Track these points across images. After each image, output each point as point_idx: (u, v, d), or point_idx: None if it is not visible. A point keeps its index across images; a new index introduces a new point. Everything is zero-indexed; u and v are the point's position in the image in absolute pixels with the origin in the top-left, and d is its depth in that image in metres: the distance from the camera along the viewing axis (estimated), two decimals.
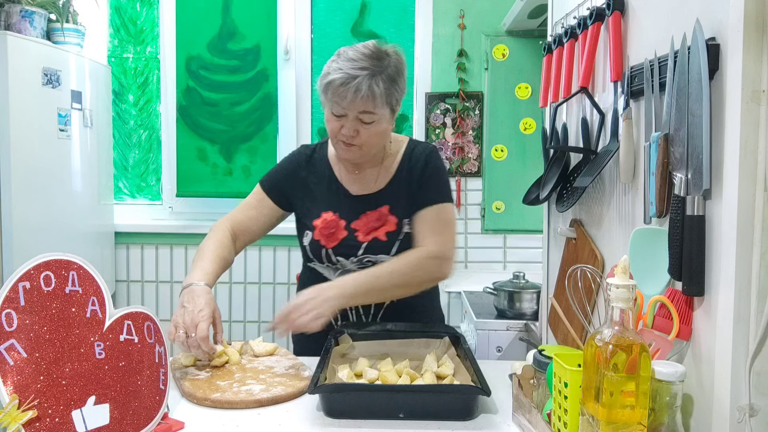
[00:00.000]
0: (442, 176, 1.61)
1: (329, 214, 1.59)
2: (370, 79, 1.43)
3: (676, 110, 0.99)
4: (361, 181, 1.62)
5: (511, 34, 2.97)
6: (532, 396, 1.13)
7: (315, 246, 1.58)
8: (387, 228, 1.56)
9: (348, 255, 1.56)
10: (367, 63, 1.44)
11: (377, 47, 1.48)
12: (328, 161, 1.66)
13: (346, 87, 1.42)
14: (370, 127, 1.49)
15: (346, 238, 1.57)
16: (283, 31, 3.08)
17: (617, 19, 1.29)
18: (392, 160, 1.63)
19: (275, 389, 1.28)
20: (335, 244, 1.57)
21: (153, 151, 3.20)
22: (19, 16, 2.48)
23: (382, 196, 1.59)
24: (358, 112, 1.46)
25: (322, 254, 1.58)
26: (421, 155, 1.61)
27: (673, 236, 0.99)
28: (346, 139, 1.50)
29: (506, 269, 3.01)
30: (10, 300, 0.96)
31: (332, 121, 1.50)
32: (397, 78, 1.49)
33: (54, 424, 0.96)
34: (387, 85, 1.46)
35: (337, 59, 1.47)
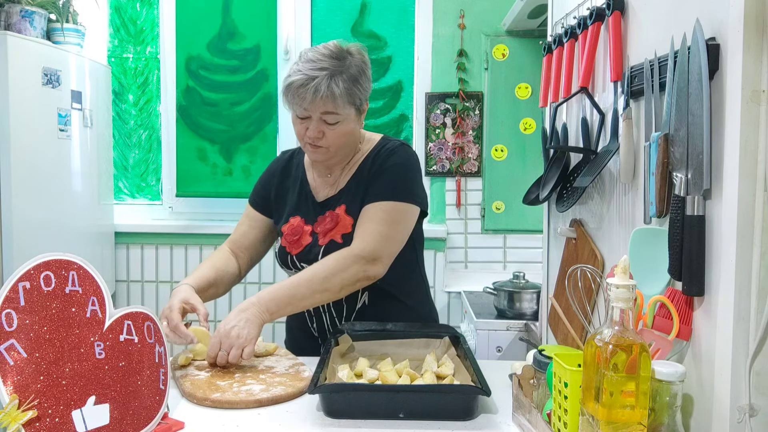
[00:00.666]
0: (400, 172, 1.52)
1: (296, 219, 1.59)
2: (329, 80, 1.42)
3: (676, 110, 0.99)
4: (330, 184, 1.60)
5: (511, 34, 2.97)
6: (532, 396, 1.13)
7: (282, 253, 1.59)
8: (342, 230, 1.52)
9: (309, 260, 1.52)
10: (326, 63, 1.43)
11: (338, 47, 1.47)
12: (303, 166, 1.66)
13: (305, 88, 1.41)
14: (335, 127, 1.47)
15: (310, 243, 1.55)
16: (283, 31, 3.08)
17: (617, 19, 1.29)
18: (358, 159, 1.59)
19: (275, 389, 1.28)
20: (299, 251, 1.55)
21: (153, 151, 3.20)
22: (19, 16, 2.48)
23: (341, 197, 1.56)
24: (320, 113, 1.45)
25: (288, 261, 1.58)
26: (386, 151, 1.54)
27: (673, 236, 0.99)
28: (312, 141, 1.48)
29: (506, 269, 3.01)
30: (10, 300, 0.96)
31: (297, 123, 1.50)
32: (359, 77, 1.47)
33: (54, 424, 0.96)
34: (348, 85, 1.44)
35: (298, 61, 1.47)
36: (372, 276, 1.46)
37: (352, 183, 1.56)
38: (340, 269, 1.42)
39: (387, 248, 1.47)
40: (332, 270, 1.42)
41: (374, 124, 3.10)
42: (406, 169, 1.53)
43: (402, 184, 1.51)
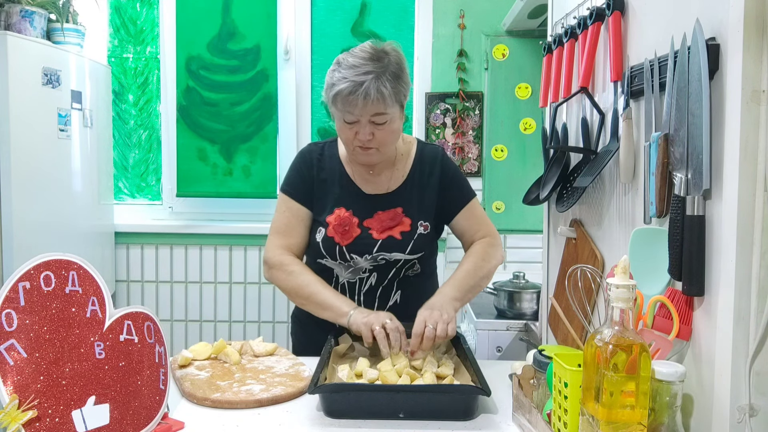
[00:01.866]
0: (461, 175, 1.70)
1: (342, 210, 1.60)
2: (377, 82, 1.43)
3: (676, 110, 0.99)
4: (374, 181, 1.63)
5: (511, 34, 2.97)
6: (532, 396, 1.13)
7: (329, 243, 1.58)
8: (401, 228, 1.59)
9: (362, 252, 1.57)
10: (369, 66, 1.44)
11: (375, 48, 1.48)
12: (339, 159, 1.66)
13: (355, 95, 1.42)
14: (384, 127, 1.49)
15: (360, 235, 1.58)
16: (283, 31, 3.08)
17: (617, 19, 1.29)
18: (404, 162, 1.65)
19: (275, 389, 1.28)
20: (349, 242, 1.57)
21: (153, 151, 3.20)
22: (19, 16, 2.47)
23: (396, 198, 1.62)
24: (370, 116, 1.46)
25: (336, 251, 1.58)
26: (434, 160, 1.65)
27: (673, 236, 0.99)
28: (363, 144, 1.50)
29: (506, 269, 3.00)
30: (10, 300, 0.96)
31: (345, 129, 1.50)
32: (400, 74, 1.49)
33: (54, 424, 0.96)
34: (393, 84, 1.46)
35: (339, 68, 1.47)
36: (503, 257, 1.69)
37: (406, 186, 1.63)
38: (492, 256, 1.63)
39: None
40: (488, 257, 1.62)
41: None
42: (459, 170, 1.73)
43: (467, 183, 1.71)
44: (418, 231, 1.59)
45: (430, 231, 1.61)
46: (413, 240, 1.58)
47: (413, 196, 1.62)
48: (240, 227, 3.03)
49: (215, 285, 3.09)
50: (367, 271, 1.60)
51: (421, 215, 1.61)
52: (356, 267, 1.59)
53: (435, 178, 1.64)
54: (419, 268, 1.63)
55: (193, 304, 3.10)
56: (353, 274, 1.60)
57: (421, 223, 1.60)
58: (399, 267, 1.60)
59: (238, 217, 3.11)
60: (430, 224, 1.61)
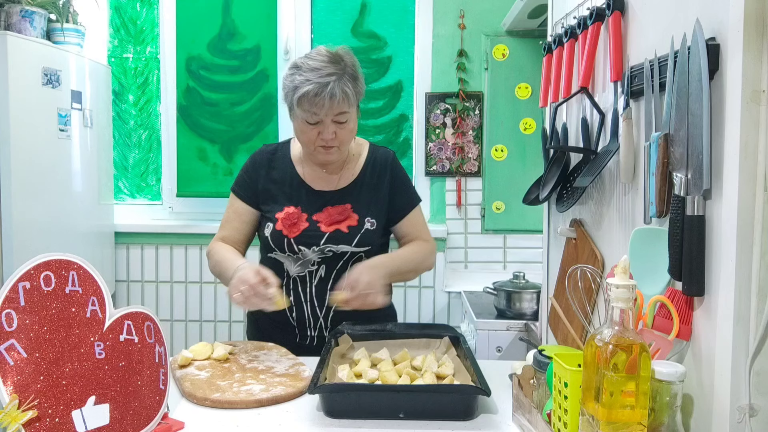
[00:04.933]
0: (409, 181, 1.78)
1: (291, 208, 1.65)
2: (340, 82, 1.50)
3: (676, 110, 0.99)
4: (325, 179, 1.69)
5: (511, 34, 2.97)
6: (532, 396, 1.13)
7: (277, 236, 1.63)
8: (349, 222, 1.64)
9: (310, 244, 1.62)
10: (331, 68, 1.51)
11: (330, 52, 1.56)
12: (290, 160, 1.72)
13: (321, 96, 1.48)
14: (345, 126, 1.57)
15: (307, 228, 1.63)
16: (283, 31, 3.08)
17: (617, 19, 1.29)
18: (355, 162, 1.72)
19: (275, 389, 1.28)
20: (297, 234, 1.62)
21: (153, 151, 3.20)
22: (19, 16, 2.48)
23: (345, 195, 1.68)
24: (334, 116, 1.53)
25: (284, 243, 1.62)
26: (385, 162, 1.73)
27: (673, 236, 0.99)
28: (326, 143, 1.57)
29: (506, 269, 3.01)
30: (10, 300, 0.96)
31: (307, 130, 1.56)
32: (358, 75, 1.58)
33: (54, 424, 0.96)
34: (353, 84, 1.54)
35: (299, 71, 1.52)
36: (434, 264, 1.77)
37: (356, 185, 1.69)
38: (429, 255, 1.72)
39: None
40: (425, 255, 1.71)
41: (374, 124, 3.10)
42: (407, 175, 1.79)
43: (413, 188, 1.79)
44: (365, 226, 1.64)
45: (377, 228, 1.66)
46: (360, 234, 1.63)
47: (362, 195, 1.68)
48: None
49: (215, 285, 3.09)
50: (315, 264, 1.63)
51: (368, 212, 1.66)
52: (305, 260, 1.62)
53: (385, 180, 1.71)
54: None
55: (193, 304, 3.10)
56: (302, 267, 1.63)
57: (368, 219, 1.66)
58: (346, 260, 1.63)
59: None
60: (377, 222, 1.66)
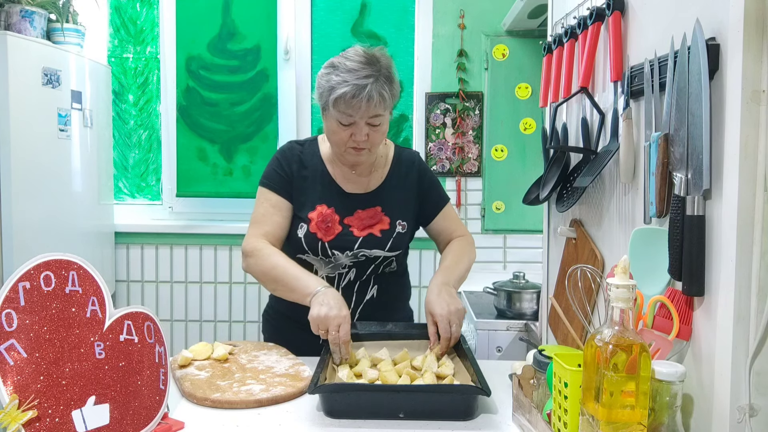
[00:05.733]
0: (437, 180, 1.78)
1: (324, 207, 1.62)
2: (377, 85, 1.48)
3: (676, 110, 0.99)
4: (355, 181, 1.67)
5: (511, 34, 2.97)
6: (532, 396, 1.13)
7: (311, 238, 1.60)
8: (381, 226, 1.63)
9: (344, 249, 1.60)
10: (368, 70, 1.48)
11: (367, 52, 1.52)
12: (320, 158, 1.69)
13: (359, 98, 1.46)
14: (378, 128, 1.54)
15: (341, 232, 1.60)
16: (283, 31, 3.08)
17: (617, 19, 1.29)
18: (383, 164, 1.70)
19: (275, 389, 1.28)
20: (332, 238, 1.60)
21: (153, 151, 3.20)
22: (19, 16, 2.47)
23: (375, 197, 1.66)
24: (368, 118, 1.50)
25: (318, 247, 1.60)
26: (411, 163, 1.72)
27: (673, 236, 0.99)
28: (358, 145, 1.54)
29: (506, 269, 3.01)
30: (10, 300, 0.96)
31: (340, 131, 1.53)
32: (393, 78, 1.55)
33: (54, 424, 0.96)
34: (389, 87, 1.51)
35: (336, 71, 1.49)
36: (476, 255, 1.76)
37: (385, 187, 1.68)
38: (471, 250, 1.72)
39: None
40: (469, 251, 1.71)
41: None
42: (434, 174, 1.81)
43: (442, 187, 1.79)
44: (396, 230, 1.63)
45: (407, 230, 1.66)
46: (392, 238, 1.62)
47: (392, 196, 1.67)
48: (240, 227, 3.02)
49: (215, 285, 3.09)
50: (346, 267, 1.62)
51: (399, 215, 1.65)
52: (336, 263, 1.62)
53: (412, 181, 1.70)
54: (395, 265, 1.68)
55: (193, 304, 3.10)
56: (333, 269, 1.63)
57: (399, 222, 1.64)
58: (377, 264, 1.63)
59: (238, 217, 3.11)
60: (407, 224, 1.66)
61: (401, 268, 1.73)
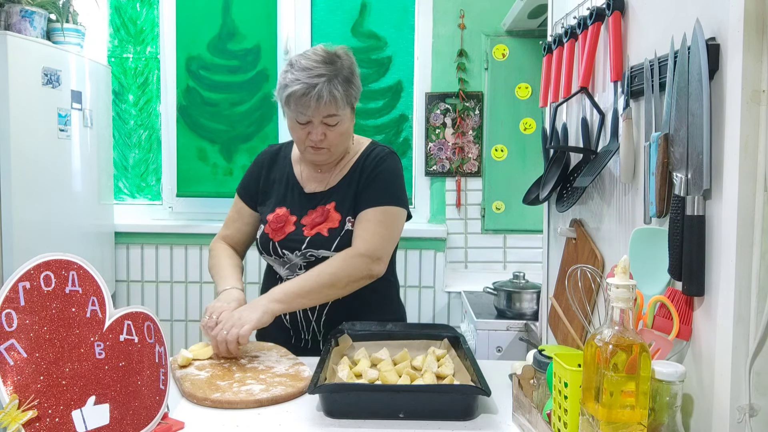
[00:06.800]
0: (391, 179, 1.61)
1: (282, 209, 1.65)
2: (329, 84, 1.48)
3: (676, 110, 0.99)
4: (319, 180, 1.67)
5: (511, 34, 2.97)
6: (532, 396, 1.13)
7: (264, 239, 1.64)
8: (329, 224, 1.60)
9: (293, 249, 1.61)
10: (322, 69, 1.49)
11: (327, 51, 1.53)
12: (290, 160, 1.72)
13: (308, 96, 1.47)
14: (335, 128, 1.54)
15: (293, 232, 1.61)
16: (283, 31, 3.08)
17: (617, 19, 1.29)
18: (349, 160, 1.68)
19: (275, 389, 1.28)
20: (282, 238, 1.61)
21: (153, 151, 3.20)
22: (19, 16, 2.48)
23: (331, 194, 1.64)
24: (322, 117, 1.51)
25: (270, 247, 1.62)
26: (376, 157, 1.64)
27: (673, 236, 0.99)
28: (315, 144, 1.55)
29: (506, 269, 3.01)
30: (10, 300, 0.96)
31: (297, 129, 1.56)
32: (351, 78, 1.54)
33: (54, 424, 0.96)
34: (345, 87, 1.51)
35: (292, 70, 1.51)
36: (375, 274, 1.55)
37: (343, 183, 1.64)
38: (347, 267, 1.51)
39: (386, 248, 1.59)
40: (340, 267, 1.51)
41: (374, 124, 3.10)
42: (396, 176, 1.64)
43: (393, 190, 1.62)
44: (345, 227, 1.58)
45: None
46: (339, 236, 1.58)
47: (347, 192, 1.62)
48: None
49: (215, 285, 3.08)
50: (302, 268, 1.61)
51: (350, 211, 1.60)
52: (291, 263, 1.62)
53: (368, 173, 1.61)
54: None
55: (193, 304, 3.10)
56: (290, 270, 1.63)
57: (349, 219, 1.60)
58: None
59: None
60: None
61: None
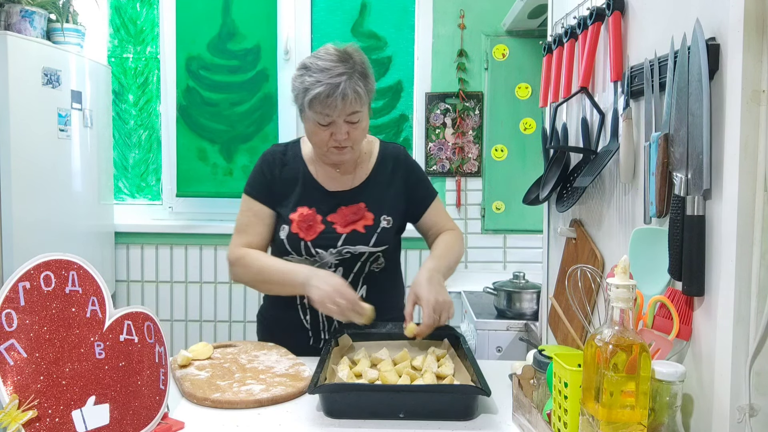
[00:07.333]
0: (424, 174, 1.78)
1: (305, 208, 1.63)
2: (351, 82, 1.47)
3: (676, 110, 0.99)
4: (339, 179, 1.66)
5: (511, 34, 2.97)
6: (532, 396, 1.13)
7: (293, 239, 1.61)
8: (365, 222, 1.62)
9: (327, 247, 1.60)
10: (341, 68, 1.48)
11: (338, 50, 1.52)
12: (302, 159, 1.69)
13: (333, 97, 1.45)
14: (357, 125, 1.54)
15: (324, 230, 1.60)
16: (283, 31, 3.08)
17: (617, 19, 1.29)
18: (367, 160, 1.69)
19: (275, 389, 1.28)
20: (314, 237, 1.60)
21: (153, 151, 3.20)
22: (19, 16, 2.48)
23: (359, 194, 1.65)
24: (346, 116, 1.50)
25: (301, 247, 1.60)
26: (396, 158, 1.71)
27: (673, 236, 0.99)
28: (339, 143, 1.54)
29: (506, 269, 3.01)
30: (10, 300, 0.96)
31: (319, 131, 1.53)
32: (368, 73, 1.54)
33: (54, 424, 0.96)
34: (364, 82, 1.51)
35: (309, 72, 1.49)
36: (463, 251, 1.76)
37: (369, 184, 1.67)
38: (461, 244, 1.72)
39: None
40: (458, 244, 1.70)
41: (374, 124, 3.10)
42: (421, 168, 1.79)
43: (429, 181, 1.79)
44: (381, 225, 1.62)
45: (392, 225, 1.64)
46: (377, 233, 1.61)
47: (376, 192, 1.65)
48: None
49: (215, 285, 3.09)
50: (332, 266, 1.61)
51: (383, 210, 1.63)
52: (322, 262, 1.61)
53: (399, 177, 1.69)
54: (383, 262, 1.65)
55: (193, 304, 3.10)
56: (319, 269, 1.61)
57: (384, 217, 1.63)
58: (364, 261, 1.62)
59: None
60: (393, 219, 1.64)
61: (391, 265, 1.70)
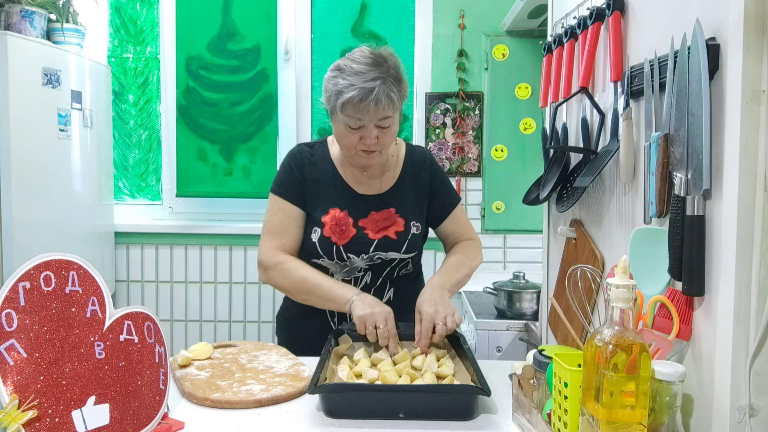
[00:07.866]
0: (448, 180, 1.75)
1: (336, 210, 1.60)
2: (385, 86, 1.44)
3: (676, 110, 0.99)
4: (367, 183, 1.64)
5: (511, 34, 2.97)
6: (532, 396, 1.13)
7: (325, 243, 1.59)
8: (396, 228, 1.62)
9: (359, 252, 1.59)
10: (375, 72, 1.45)
11: (374, 53, 1.49)
12: (331, 160, 1.66)
13: (366, 101, 1.43)
14: (387, 130, 1.51)
15: (356, 235, 1.59)
16: (283, 31, 3.08)
17: (617, 19, 1.29)
18: (394, 163, 1.67)
19: (275, 389, 1.28)
20: (346, 242, 1.58)
21: (153, 151, 3.20)
22: (19, 16, 2.48)
23: (388, 198, 1.64)
24: (377, 120, 1.47)
25: (333, 251, 1.59)
26: (423, 162, 1.69)
27: (673, 236, 0.99)
28: (368, 147, 1.51)
29: (506, 269, 3.01)
30: (10, 300, 0.96)
31: (349, 135, 1.50)
32: (401, 78, 1.51)
33: (54, 424, 0.96)
34: (398, 88, 1.48)
35: (343, 74, 1.46)
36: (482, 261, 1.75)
37: (398, 188, 1.66)
38: (477, 254, 1.71)
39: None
40: (474, 255, 1.69)
41: None
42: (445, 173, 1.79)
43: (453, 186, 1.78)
44: (411, 231, 1.63)
45: (421, 231, 1.65)
46: (408, 239, 1.61)
47: (405, 197, 1.65)
48: (240, 227, 3.04)
49: (215, 285, 3.09)
50: (362, 270, 1.61)
51: (413, 215, 1.64)
52: (352, 266, 1.60)
53: (424, 180, 1.67)
54: (411, 267, 1.67)
55: (193, 304, 3.10)
56: (348, 273, 1.62)
57: (414, 223, 1.64)
58: (393, 266, 1.62)
59: (238, 217, 3.11)
60: (421, 225, 1.65)
61: (416, 269, 1.72)
